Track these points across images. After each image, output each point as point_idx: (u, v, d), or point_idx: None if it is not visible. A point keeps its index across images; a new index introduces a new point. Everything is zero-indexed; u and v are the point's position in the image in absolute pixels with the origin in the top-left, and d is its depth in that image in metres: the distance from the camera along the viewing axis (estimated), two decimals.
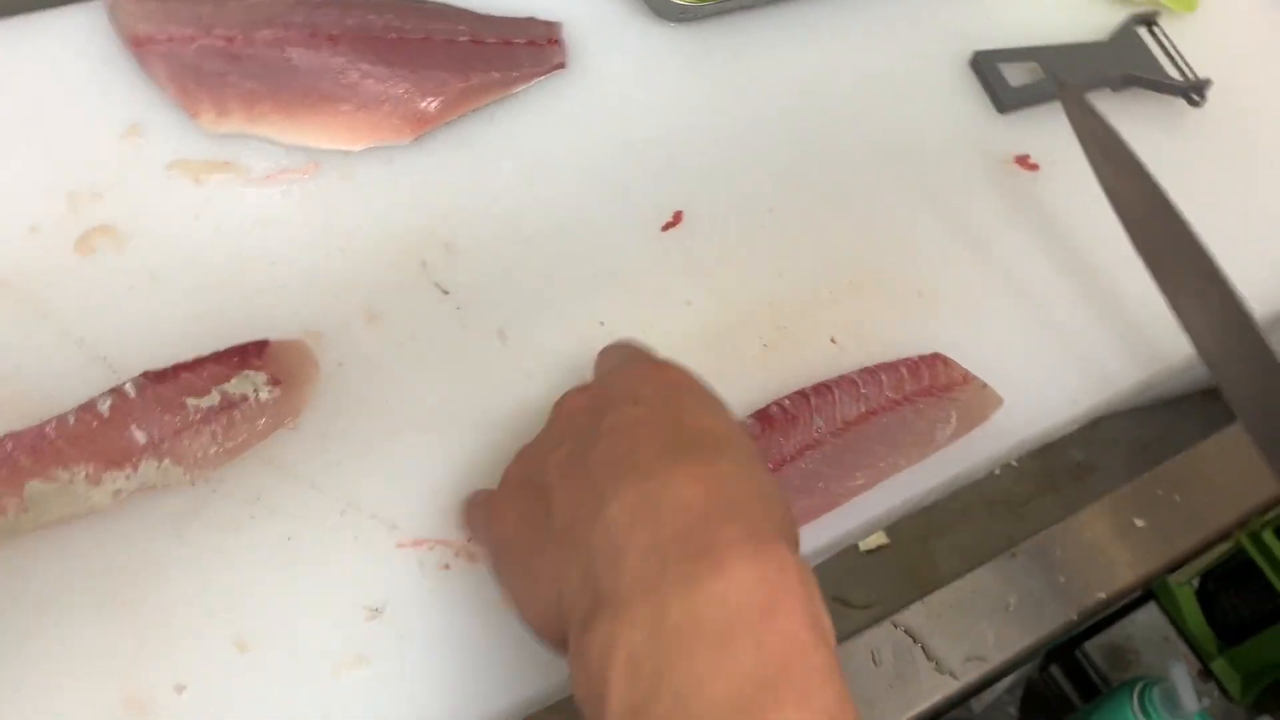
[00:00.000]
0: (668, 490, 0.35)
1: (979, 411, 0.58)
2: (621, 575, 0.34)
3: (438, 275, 0.59)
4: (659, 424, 0.39)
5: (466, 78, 0.65)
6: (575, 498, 0.38)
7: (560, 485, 0.39)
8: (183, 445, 0.51)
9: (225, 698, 0.46)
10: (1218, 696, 1.40)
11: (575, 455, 0.40)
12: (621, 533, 0.35)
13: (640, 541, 0.35)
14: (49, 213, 0.57)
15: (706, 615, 0.33)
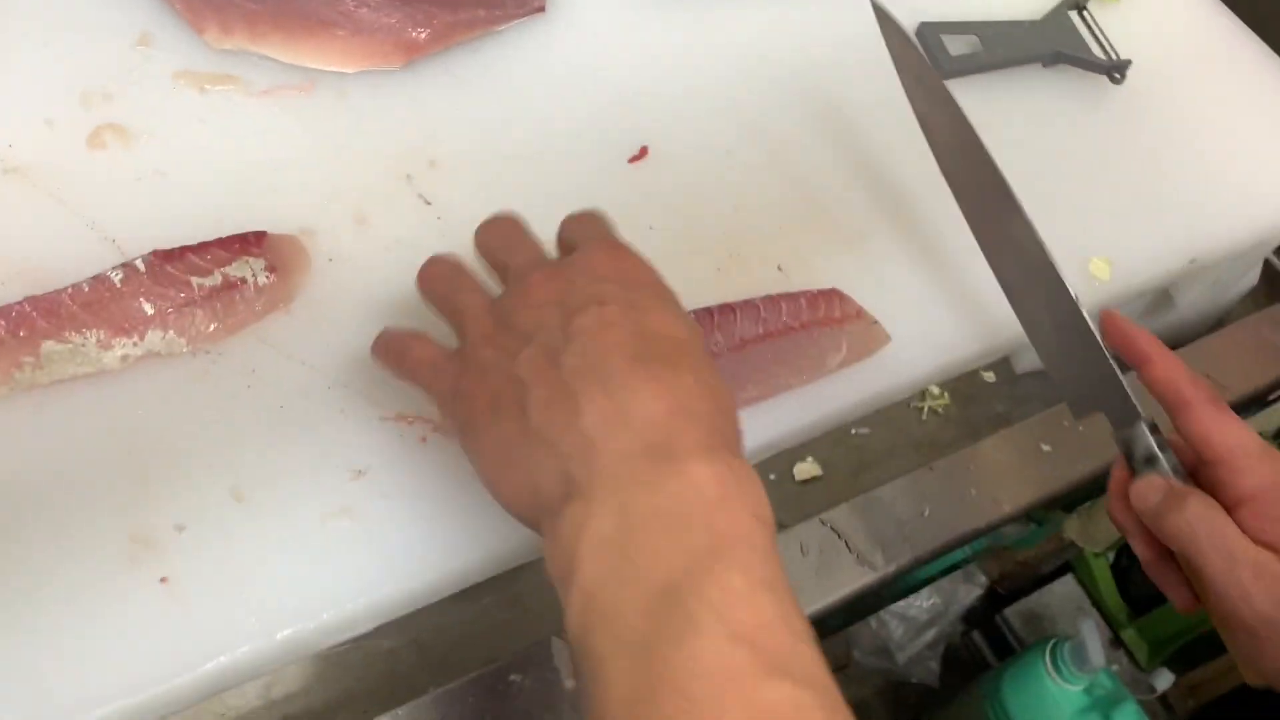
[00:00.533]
0: (636, 401, 0.40)
1: (867, 345, 0.64)
2: (594, 473, 0.39)
3: (421, 187, 0.64)
4: (625, 328, 0.43)
5: (454, 12, 0.70)
6: (550, 399, 0.42)
7: (535, 384, 0.42)
8: (186, 319, 0.55)
9: (222, 538, 0.51)
10: (1126, 663, 1.49)
11: (547, 355, 0.43)
12: (595, 438, 0.40)
13: (611, 446, 0.40)
14: (64, 109, 0.61)
15: (666, 506, 0.38)
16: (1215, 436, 0.52)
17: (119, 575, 0.49)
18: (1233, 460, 0.51)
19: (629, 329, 0.43)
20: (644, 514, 0.38)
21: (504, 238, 0.51)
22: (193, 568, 0.50)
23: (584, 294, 0.44)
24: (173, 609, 0.49)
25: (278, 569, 0.51)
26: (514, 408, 0.43)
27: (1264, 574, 0.48)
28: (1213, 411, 0.52)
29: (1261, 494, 0.50)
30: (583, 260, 0.47)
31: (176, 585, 0.49)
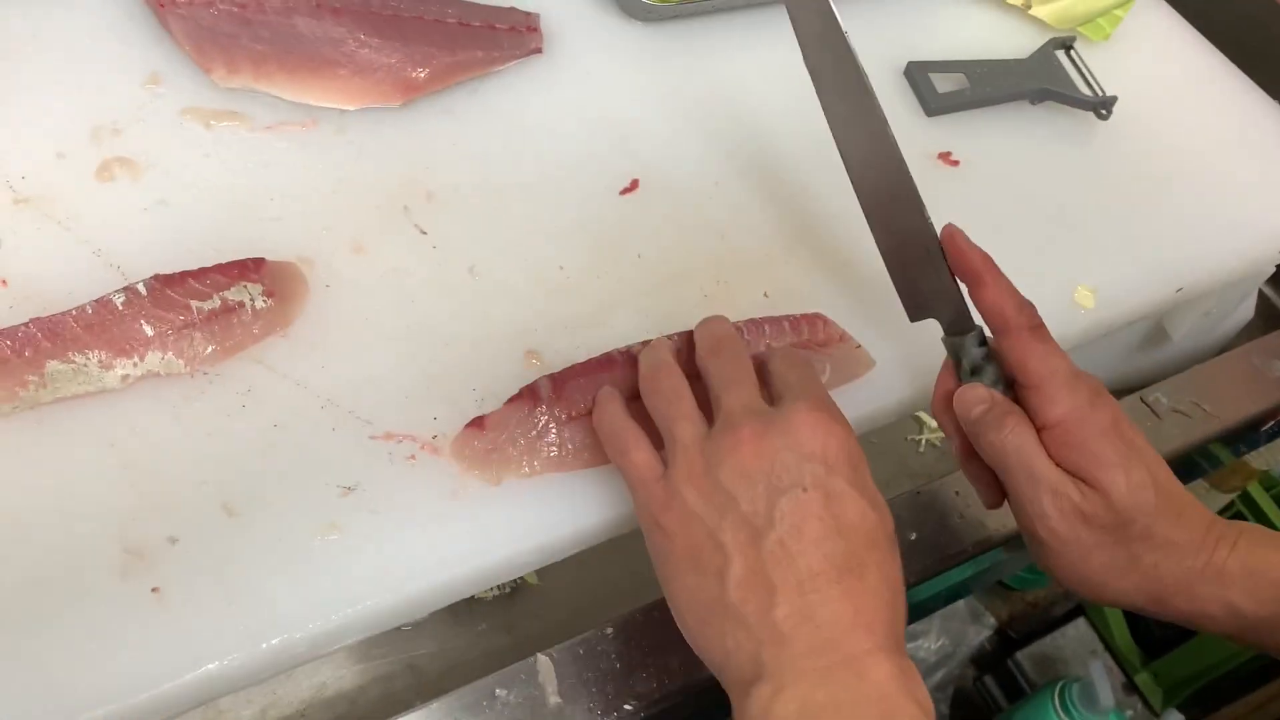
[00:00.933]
0: (825, 606, 0.46)
1: (851, 369, 0.65)
2: (782, 664, 0.45)
3: (418, 218, 0.66)
4: (824, 522, 0.47)
5: (453, 53, 0.73)
6: (748, 580, 0.47)
7: (735, 558, 0.47)
8: (185, 340, 0.57)
9: (214, 551, 0.52)
10: (1141, 708, 1.47)
11: (749, 531, 0.47)
12: (785, 631, 0.45)
13: (799, 642, 0.45)
14: (74, 143, 0.64)
15: (844, 699, 0.44)
16: (1031, 362, 0.55)
17: (112, 585, 0.51)
18: (1044, 387, 0.54)
19: (827, 524, 0.47)
20: (824, 704, 0.44)
21: (722, 365, 0.55)
22: (184, 578, 0.51)
23: (789, 475, 0.48)
24: (164, 617, 0.50)
25: (267, 580, 0.52)
26: (713, 572, 0.48)
27: (1060, 496, 0.53)
28: (1030, 338, 0.55)
29: (1066, 421, 0.53)
30: (790, 428, 0.49)
31: (168, 595, 0.51)
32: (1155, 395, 0.78)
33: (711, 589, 0.48)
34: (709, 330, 0.58)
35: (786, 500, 0.47)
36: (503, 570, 0.56)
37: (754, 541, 0.47)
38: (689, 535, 0.49)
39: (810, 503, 0.47)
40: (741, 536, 0.47)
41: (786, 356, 0.57)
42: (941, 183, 0.77)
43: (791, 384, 0.54)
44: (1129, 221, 0.78)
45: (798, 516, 0.47)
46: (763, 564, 0.47)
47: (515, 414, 0.58)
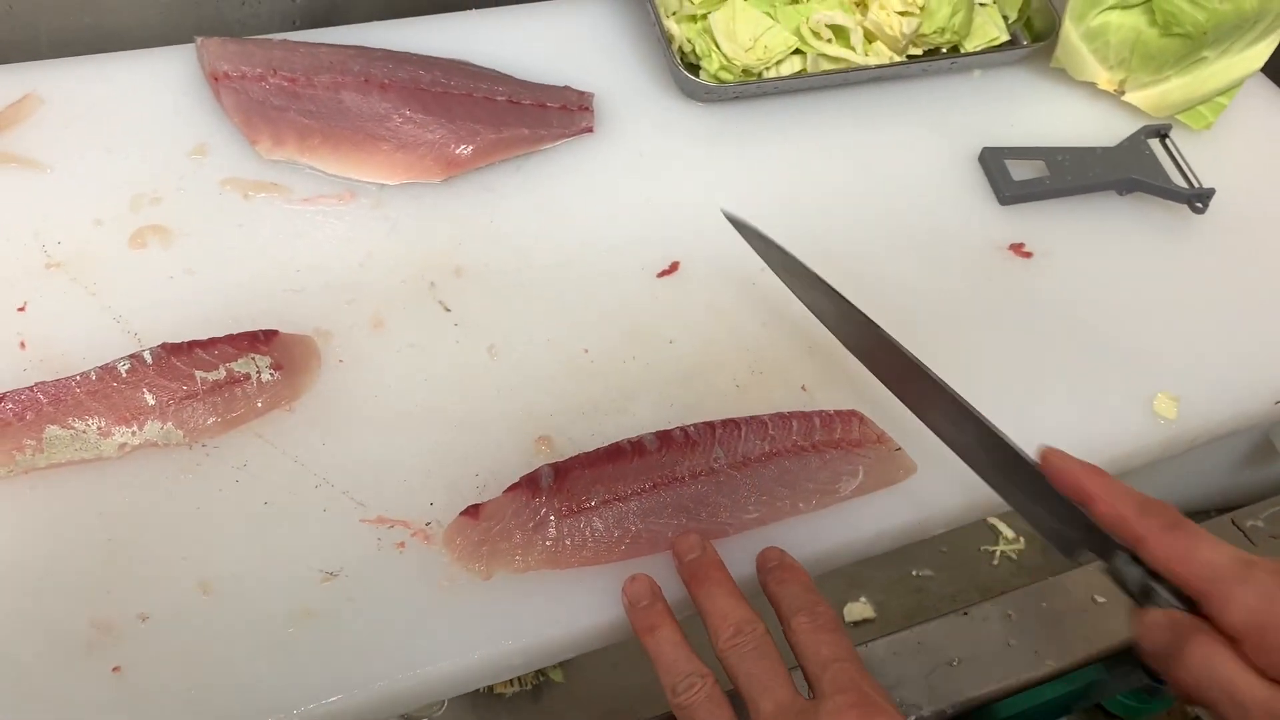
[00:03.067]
0: None
1: (890, 473, 0.60)
2: None
3: (443, 294, 0.65)
4: None
5: (499, 131, 0.72)
6: None
7: None
8: (186, 412, 0.56)
9: (183, 631, 0.50)
10: None
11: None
12: None
13: None
14: (113, 210, 0.65)
15: None
16: (1181, 569, 0.46)
17: (73, 659, 0.49)
18: (1211, 591, 0.45)
19: None
20: None
21: (749, 665, 0.48)
22: (148, 659, 0.50)
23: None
24: (121, 698, 0.48)
25: (232, 668, 0.50)
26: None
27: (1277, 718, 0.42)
28: (1171, 542, 0.46)
29: (1254, 625, 0.43)
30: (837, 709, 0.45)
31: (129, 675, 0.49)
32: (1252, 521, 0.70)
33: None
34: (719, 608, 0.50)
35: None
36: (485, 673, 0.52)
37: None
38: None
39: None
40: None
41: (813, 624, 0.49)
42: (1012, 276, 0.72)
43: (825, 662, 0.48)
44: (1221, 325, 0.71)
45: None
46: None
47: (512, 504, 0.55)
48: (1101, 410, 0.66)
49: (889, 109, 0.80)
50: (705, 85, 0.77)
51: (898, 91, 0.81)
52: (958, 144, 0.79)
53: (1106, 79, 0.82)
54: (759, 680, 0.48)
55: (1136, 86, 0.82)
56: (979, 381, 0.65)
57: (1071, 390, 0.67)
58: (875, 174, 0.76)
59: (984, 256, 0.73)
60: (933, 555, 0.87)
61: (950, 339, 0.68)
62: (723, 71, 0.77)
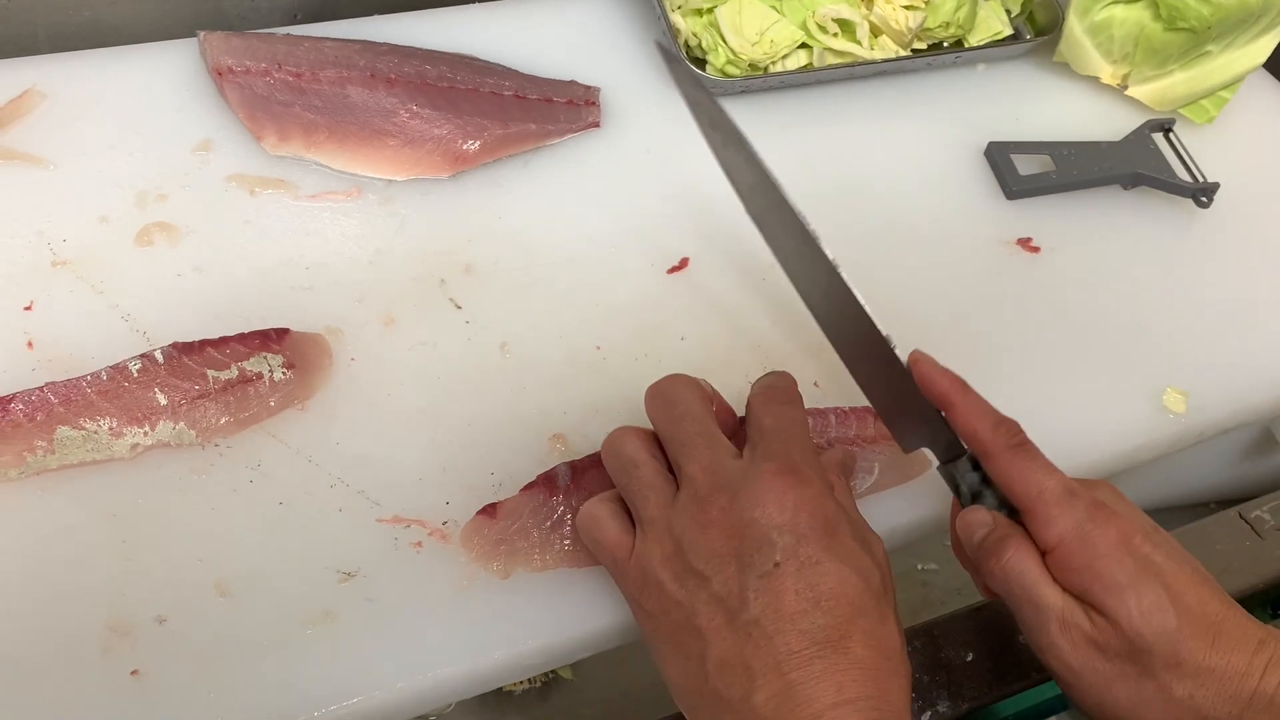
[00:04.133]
0: (806, 686, 0.43)
1: (904, 469, 0.60)
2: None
3: (454, 291, 0.64)
4: (800, 595, 0.44)
5: (506, 126, 0.72)
6: (727, 663, 0.44)
7: (713, 642, 0.45)
8: (199, 411, 0.56)
9: (201, 633, 0.50)
10: None
11: (725, 612, 0.45)
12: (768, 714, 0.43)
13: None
14: (118, 207, 0.64)
15: None
16: (1016, 485, 0.50)
17: (92, 663, 0.49)
18: (1035, 509, 0.49)
19: (804, 597, 0.44)
20: None
21: (677, 422, 0.50)
22: (166, 662, 0.49)
23: (759, 551, 0.45)
24: (140, 702, 0.48)
25: (252, 669, 0.49)
26: (695, 656, 0.45)
27: (1068, 626, 0.48)
28: (1011, 458, 0.50)
29: (1064, 543, 0.48)
30: (757, 497, 0.46)
31: (147, 678, 0.48)
32: (1257, 512, 0.70)
33: (696, 673, 0.45)
34: (657, 388, 0.53)
35: (758, 578, 0.45)
36: (503, 673, 0.52)
37: (730, 624, 0.45)
38: (668, 618, 0.47)
39: (783, 577, 0.45)
40: (717, 620, 0.45)
41: (767, 394, 0.52)
42: (1019, 271, 0.72)
43: (765, 431, 0.49)
44: (1229, 318, 0.71)
45: (771, 594, 0.44)
46: (740, 647, 0.44)
47: (530, 503, 0.55)
48: (1110, 405, 0.66)
49: (894, 103, 0.80)
50: (712, 79, 0.76)
51: (903, 86, 0.81)
52: (963, 138, 0.79)
53: (1110, 73, 0.82)
54: (684, 437, 0.50)
55: (1140, 81, 0.82)
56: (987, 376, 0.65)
57: (1080, 385, 0.67)
58: (881, 168, 0.76)
59: (991, 251, 0.73)
60: (937, 549, 0.88)
61: (958, 334, 0.68)
62: (729, 66, 0.77)
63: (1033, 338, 0.68)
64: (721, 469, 0.48)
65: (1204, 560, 0.66)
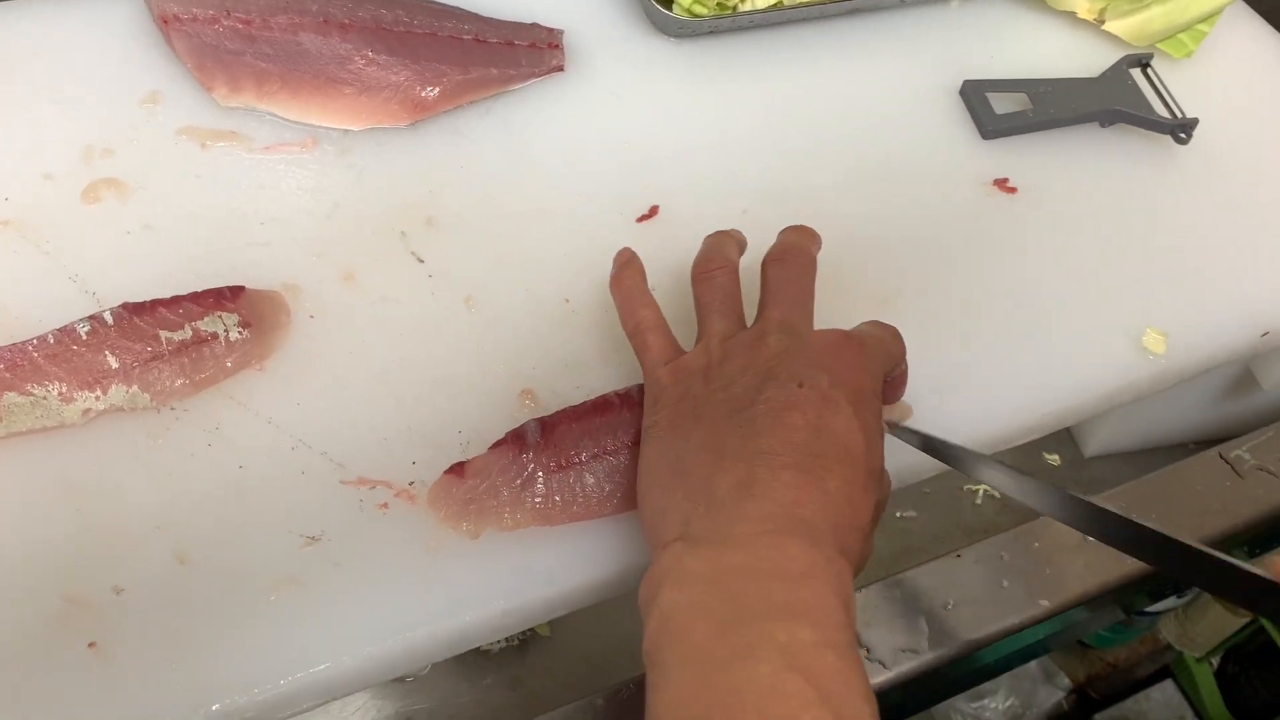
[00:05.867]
0: (773, 484, 0.43)
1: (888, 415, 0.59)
2: (708, 528, 0.43)
3: (415, 245, 0.62)
4: (807, 415, 0.45)
5: (466, 71, 0.69)
6: (707, 444, 0.45)
7: (705, 425, 0.46)
8: (152, 374, 0.54)
9: (161, 603, 0.48)
10: None
11: (730, 404, 0.46)
12: (722, 498, 0.43)
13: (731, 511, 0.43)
14: (64, 164, 0.62)
15: (758, 566, 0.41)
16: None
17: (48, 636, 0.47)
18: None
19: (809, 418, 0.45)
20: (736, 565, 0.41)
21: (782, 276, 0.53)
22: (126, 633, 0.48)
23: (793, 369, 0.47)
24: (100, 675, 0.46)
25: (215, 639, 0.48)
26: (681, 436, 0.47)
27: None
28: None
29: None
30: (817, 346, 0.49)
31: (106, 650, 0.47)
32: (1237, 451, 0.70)
33: (672, 451, 0.47)
34: (785, 238, 0.56)
35: (776, 387, 0.46)
36: (474, 635, 0.51)
37: (729, 415, 0.46)
38: (677, 408, 0.48)
39: (799, 398, 0.46)
40: (721, 410, 0.46)
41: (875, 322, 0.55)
42: (996, 211, 0.70)
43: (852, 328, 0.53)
44: (1208, 257, 0.70)
45: (780, 404, 0.45)
46: (726, 434, 0.45)
47: (499, 461, 0.53)
48: (1090, 346, 0.65)
49: (867, 42, 0.78)
50: (679, 20, 0.74)
51: (875, 23, 0.79)
52: (938, 77, 0.77)
53: (1087, 8, 0.80)
54: (781, 291, 0.52)
55: (1117, 15, 0.80)
56: (966, 319, 0.64)
57: (1059, 327, 0.66)
58: (854, 109, 0.74)
59: (968, 192, 0.71)
60: (916, 496, 0.87)
61: (935, 276, 0.66)
62: (697, 5, 0.74)
63: (1011, 279, 0.67)
64: (796, 322, 0.50)
65: (1185, 502, 0.67)
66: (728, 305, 0.53)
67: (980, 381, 0.62)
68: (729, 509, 0.43)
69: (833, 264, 0.65)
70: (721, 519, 0.43)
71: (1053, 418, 0.63)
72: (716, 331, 0.51)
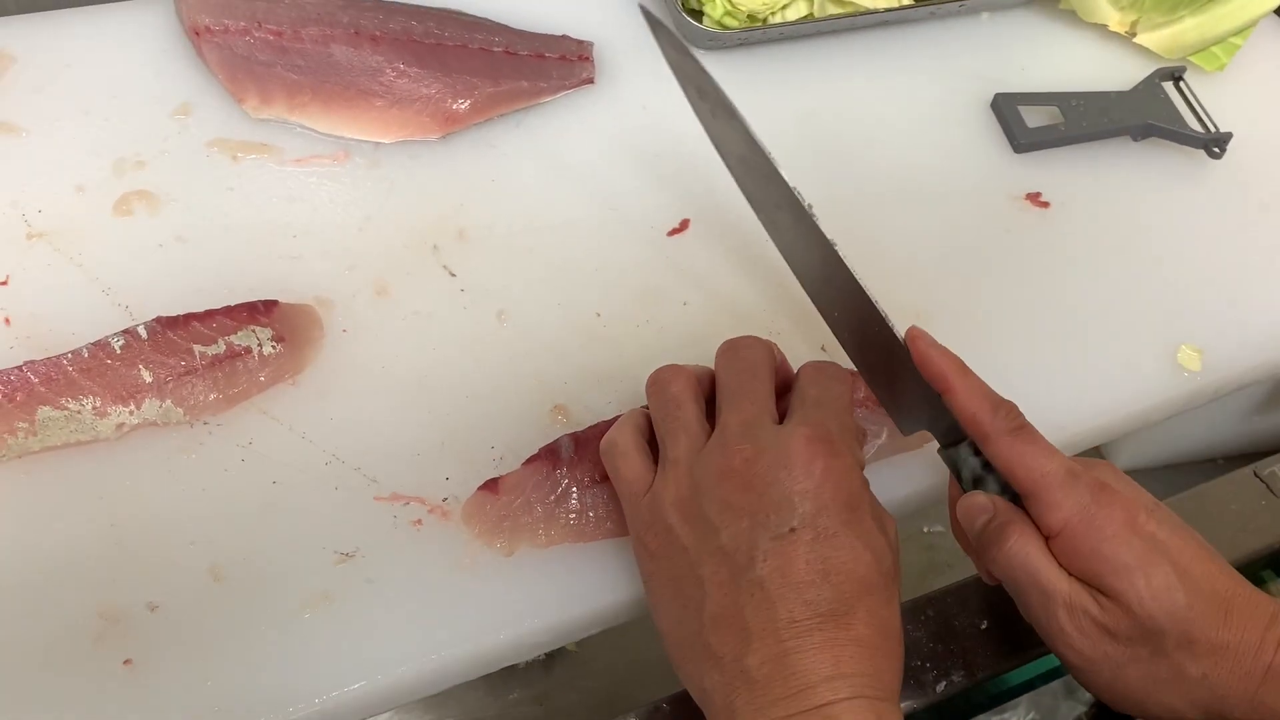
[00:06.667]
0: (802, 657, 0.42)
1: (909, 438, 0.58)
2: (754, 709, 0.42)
3: (447, 259, 0.62)
4: (810, 565, 0.44)
5: (497, 83, 0.69)
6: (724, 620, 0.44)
7: (714, 595, 0.44)
8: (186, 388, 0.54)
9: (195, 620, 0.48)
10: None
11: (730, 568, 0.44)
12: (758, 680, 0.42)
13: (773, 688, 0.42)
14: (95, 176, 0.62)
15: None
16: (1018, 470, 0.48)
17: (83, 652, 0.47)
18: (1037, 493, 0.47)
19: (814, 567, 0.44)
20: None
21: (733, 373, 0.50)
22: (160, 650, 0.47)
23: (776, 513, 0.45)
24: (133, 692, 0.46)
25: (248, 656, 0.48)
26: (693, 606, 0.45)
27: (1076, 611, 0.47)
28: (1011, 442, 0.48)
29: (1069, 527, 0.47)
30: (785, 458, 0.46)
31: (141, 667, 0.47)
32: (1272, 469, 0.69)
33: (691, 623, 0.45)
34: (732, 341, 0.52)
35: (771, 539, 0.44)
36: (508, 653, 0.51)
37: (733, 580, 0.44)
38: (671, 562, 0.46)
39: (797, 544, 0.44)
40: (722, 573, 0.44)
41: (818, 368, 0.51)
42: (1029, 226, 0.70)
43: (806, 400, 0.49)
44: (1243, 273, 0.70)
45: (781, 558, 0.44)
46: (740, 605, 0.44)
47: (533, 476, 0.53)
48: (1124, 364, 0.65)
49: (897, 54, 0.77)
50: (709, 32, 0.74)
51: (906, 36, 0.78)
52: (969, 90, 0.76)
53: (1118, 20, 0.80)
54: (735, 388, 0.49)
55: (1149, 28, 0.80)
56: (996, 337, 0.64)
57: (1093, 343, 0.65)
58: (885, 122, 0.74)
59: (1000, 206, 0.71)
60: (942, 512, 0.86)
61: (967, 292, 0.66)
62: (727, 18, 0.74)
63: (1043, 296, 0.67)
64: (758, 425, 0.47)
65: (1218, 521, 0.66)
66: (683, 416, 0.49)
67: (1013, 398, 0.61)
68: (771, 690, 0.42)
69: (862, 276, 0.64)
70: (765, 701, 0.42)
71: (1087, 435, 0.63)
72: (680, 454, 0.48)
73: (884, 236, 0.67)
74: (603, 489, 0.53)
